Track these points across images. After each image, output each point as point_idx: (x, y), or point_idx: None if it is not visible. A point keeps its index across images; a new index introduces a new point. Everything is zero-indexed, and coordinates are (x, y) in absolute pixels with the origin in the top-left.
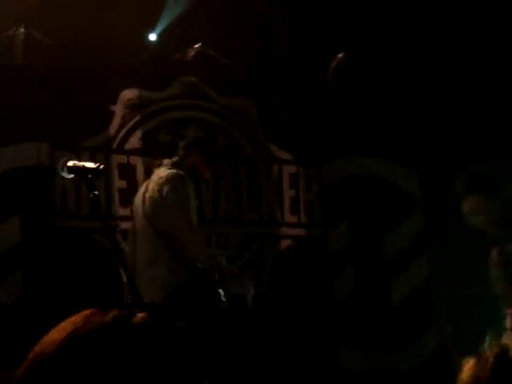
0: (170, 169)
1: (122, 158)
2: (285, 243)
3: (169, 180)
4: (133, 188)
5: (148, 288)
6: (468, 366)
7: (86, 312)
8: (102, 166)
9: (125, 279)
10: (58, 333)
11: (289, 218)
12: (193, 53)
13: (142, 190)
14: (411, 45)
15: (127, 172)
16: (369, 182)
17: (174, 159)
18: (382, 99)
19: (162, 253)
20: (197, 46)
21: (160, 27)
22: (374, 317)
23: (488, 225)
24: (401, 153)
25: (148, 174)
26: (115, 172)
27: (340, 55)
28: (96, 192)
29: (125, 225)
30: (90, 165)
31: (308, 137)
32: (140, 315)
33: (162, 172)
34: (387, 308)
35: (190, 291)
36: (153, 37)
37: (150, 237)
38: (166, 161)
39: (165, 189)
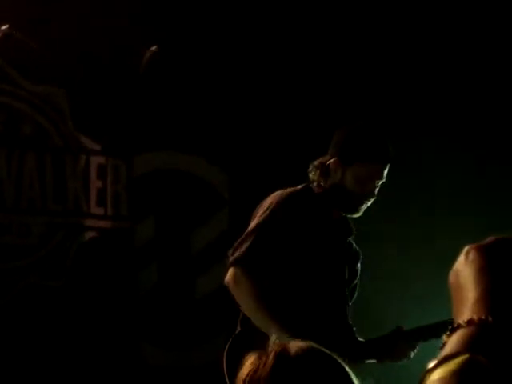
0: None
1: None
2: (89, 235)
3: None
4: None
5: None
6: (249, 362)
7: None
8: None
9: None
10: None
11: (95, 209)
12: (0, 34)
13: None
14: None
15: None
16: (179, 176)
17: None
18: (196, 93)
19: None
20: (4, 27)
21: None
22: (176, 313)
23: None
24: (210, 149)
25: None
26: None
27: (153, 47)
28: None
29: None
30: None
31: (118, 128)
32: None
33: None
34: (190, 305)
35: None
36: None
37: None
38: None
39: None
